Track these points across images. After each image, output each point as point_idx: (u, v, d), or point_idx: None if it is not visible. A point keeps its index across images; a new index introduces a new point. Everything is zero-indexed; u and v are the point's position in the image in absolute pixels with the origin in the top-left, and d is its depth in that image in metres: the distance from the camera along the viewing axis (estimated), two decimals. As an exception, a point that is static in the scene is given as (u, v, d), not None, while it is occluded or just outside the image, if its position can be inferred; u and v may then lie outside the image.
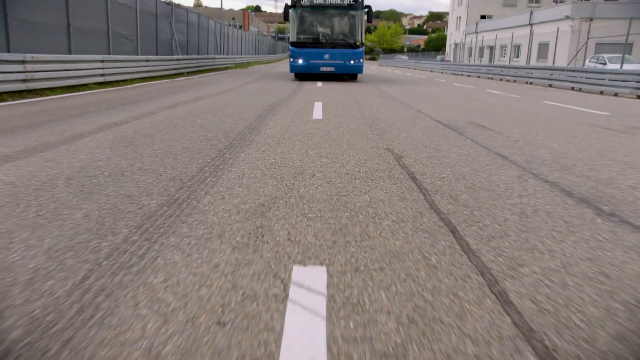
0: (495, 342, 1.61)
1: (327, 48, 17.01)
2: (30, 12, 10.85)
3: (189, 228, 2.61)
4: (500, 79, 23.96)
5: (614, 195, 3.47)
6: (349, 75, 18.60)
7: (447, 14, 75.19)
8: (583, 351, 1.57)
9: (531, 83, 20.61)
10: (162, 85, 14.11)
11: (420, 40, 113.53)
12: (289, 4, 16.88)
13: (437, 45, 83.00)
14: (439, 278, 2.07)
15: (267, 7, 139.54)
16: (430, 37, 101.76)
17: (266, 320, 1.70)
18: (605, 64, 23.43)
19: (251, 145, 5.14)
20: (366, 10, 17.00)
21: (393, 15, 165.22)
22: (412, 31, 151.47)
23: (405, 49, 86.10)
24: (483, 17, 56.06)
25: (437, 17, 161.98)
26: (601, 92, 15.38)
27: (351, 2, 16.80)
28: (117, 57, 14.02)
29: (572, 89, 17.14)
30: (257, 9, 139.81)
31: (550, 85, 18.90)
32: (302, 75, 18.13)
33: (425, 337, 1.62)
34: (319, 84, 15.94)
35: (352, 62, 16.98)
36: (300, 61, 17.07)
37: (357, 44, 17.03)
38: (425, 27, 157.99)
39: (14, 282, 1.94)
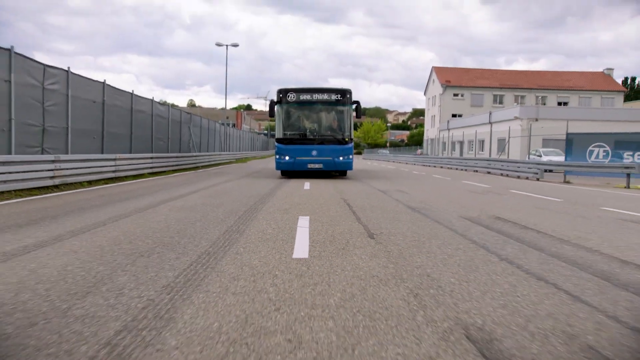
0: (353, 233, 6.18)
1: (314, 144, 16.58)
2: (115, 125, 15.92)
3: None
4: (456, 169, 29.32)
5: (428, 208, 8.08)
6: (338, 172, 17.81)
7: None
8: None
9: (476, 171, 25.88)
10: (191, 175, 18.88)
11: (404, 135, 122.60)
12: (275, 100, 16.72)
13: (418, 140, 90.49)
14: (337, 211, 6.64)
15: (258, 105, 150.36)
16: (412, 133, 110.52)
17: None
18: (540, 156, 28.96)
19: (270, 200, 9.76)
20: (354, 105, 16.70)
21: (378, 112, 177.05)
22: (397, 127, 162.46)
23: (387, 144, 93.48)
24: (454, 115, 63.39)
25: (420, 114, 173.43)
26: (518, 177, 20.51)
27: (339, 98, 16.59)
28: (160, 155, 19.10)
29: (501, 174, 22.32)
30: (248, 107, 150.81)
31: (489, 172, 24.10)
32: (289, 172, 17.48)
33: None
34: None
35: (341, 158, 16.54)
36: (287, 158, 16.60)
37: (346, 139, 16.66)
38: (409, 122, 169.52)
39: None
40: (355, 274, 3.96)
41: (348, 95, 16.60)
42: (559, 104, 63.87)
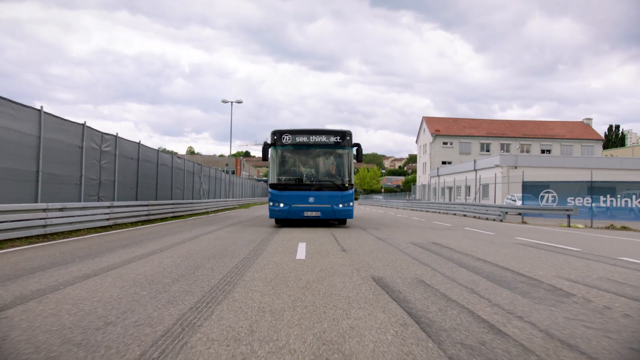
0: (333, 249, 9.55)
1: (311, 190, 15.58)
2: (152, 180, 19.43)
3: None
4: (439, 212, 32.78)
5: (391, 238, 11.43)
6: (337, 221, 16.90)
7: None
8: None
9: (455, 214, 29.31)
10: (207, 218, 22.21)
11: (400, 180, 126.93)
12: (269, 142, 15.93)
13: (412, 185, 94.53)
14: (322, 238, 10.00)
15: (256, 152, 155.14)
16: (407, 178, 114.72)
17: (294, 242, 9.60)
18: (515, 200, 32.42)
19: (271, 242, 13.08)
20: (355, 148, 15.88)
21: (375, 159, 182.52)
22: (394, 172, 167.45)
23: (382, 190, 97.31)
24: (444, 162, 67.36)
25: (416, 160, 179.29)
26: (486, 218, 23.90)
27: (338, 140, 15.77)
28: (179, 201, 22.55)
29: (474, 216, 25.72)
30: (247, 154, 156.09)
31: (464, 215, 27.51)
32: (284, 220, 16.62)
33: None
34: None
35: (340, 205, 15.53)
36: (282, 205, 15.56)
37: (346, 185, 15.65)
38: (405, 168, 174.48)
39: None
40: (330, 264, 7.34)
41: (348, 138, 15.75)
42: (542, 151, 67.95)
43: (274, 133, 15.91)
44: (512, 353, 3.35)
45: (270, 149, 15.84)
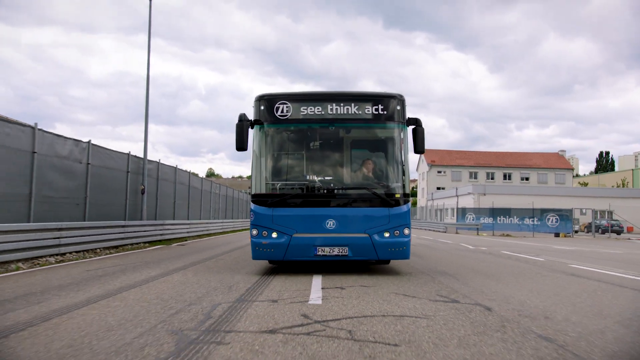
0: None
1: (331, 206, 8.32)
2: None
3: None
4: (426, 229, 45.82)
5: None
6: (378, 262, 9.54)
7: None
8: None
9: (439, 231, 42.31)
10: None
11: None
12: (250, 119, 8.55)
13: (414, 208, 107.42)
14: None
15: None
16: (414, 200, 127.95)
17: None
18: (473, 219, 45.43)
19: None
20: (411, 127, 8.65)
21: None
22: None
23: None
24: (438, 188, 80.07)
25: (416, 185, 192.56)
26: (444, 230, 36.91)
27: (380, 111, 8.50)
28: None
29: (444, 231, 38.66)
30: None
31: (445, 231, 40.40)
32: (281, 262, 9.46)
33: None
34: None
35: (386, 234, 8.30)
36: (275, 236, 8.21)
37: (397, 195, 8.42)
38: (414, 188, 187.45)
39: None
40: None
41: (398, 108, 8.57)
42: (522, 179, 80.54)
43: (260, 100, 8.60)
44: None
45: (254, 131, 8.60)
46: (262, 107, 8.56)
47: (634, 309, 6.04)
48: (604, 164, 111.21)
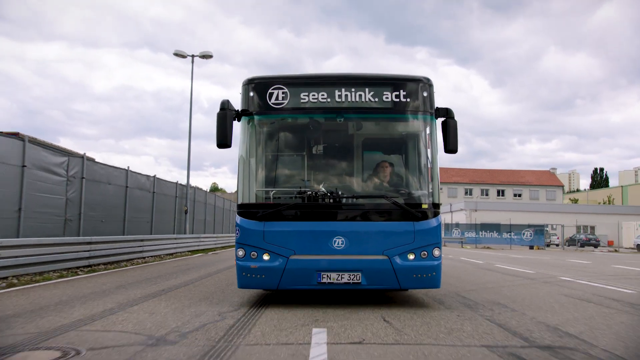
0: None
1: (338, 220, 6.62)
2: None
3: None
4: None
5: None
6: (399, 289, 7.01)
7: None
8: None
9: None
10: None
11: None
12: (237, 109, 6.90)
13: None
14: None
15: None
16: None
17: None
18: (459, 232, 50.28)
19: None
20: (440, 120, 6.96)
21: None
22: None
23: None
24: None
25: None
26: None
27: (402, 98, 6.77)
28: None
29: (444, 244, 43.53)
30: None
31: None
32: (276, 291, 7.48)
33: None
34: None
35: (411, 256, 6.49)
36: (266, 258, 6.50)
37: (424, 205, 6.68)
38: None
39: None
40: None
41: (425, 94, 6.85)
42: (515, 195, 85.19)
43: (250, 84, 6.93)
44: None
45: (241, 123, 6.93)
46: (251, 94, 6.81)
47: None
48: (599, 180, 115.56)
